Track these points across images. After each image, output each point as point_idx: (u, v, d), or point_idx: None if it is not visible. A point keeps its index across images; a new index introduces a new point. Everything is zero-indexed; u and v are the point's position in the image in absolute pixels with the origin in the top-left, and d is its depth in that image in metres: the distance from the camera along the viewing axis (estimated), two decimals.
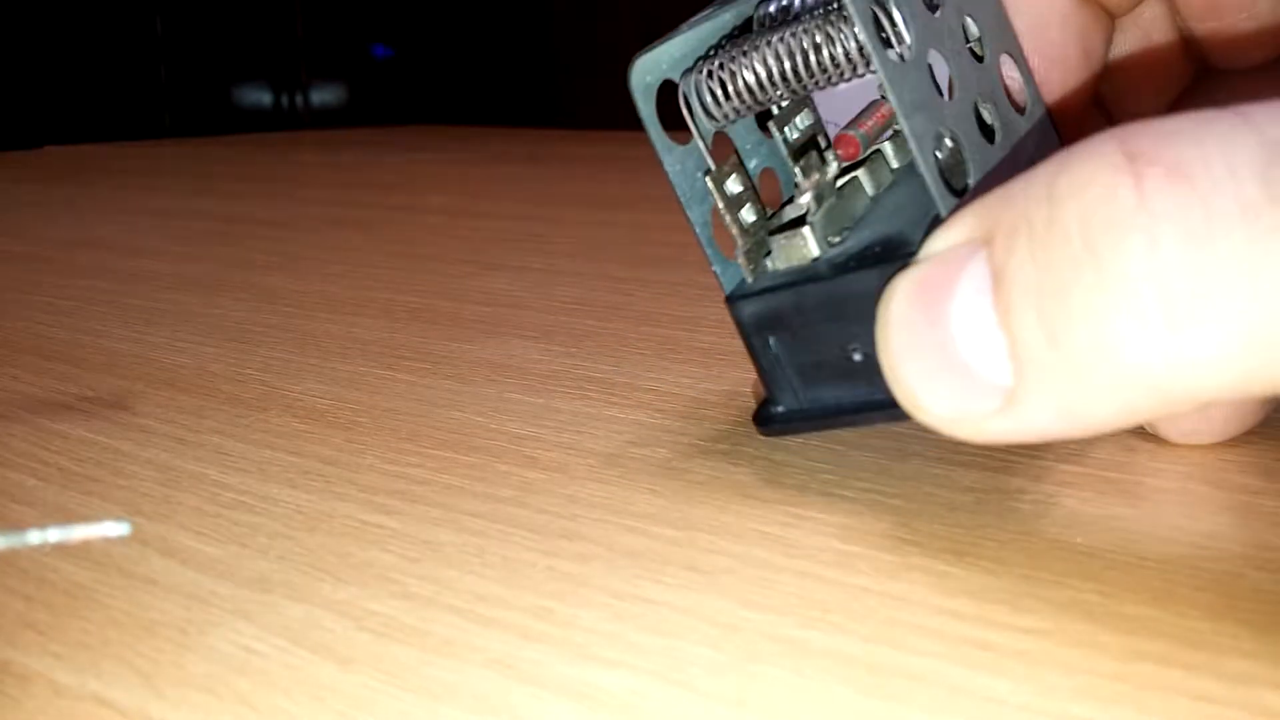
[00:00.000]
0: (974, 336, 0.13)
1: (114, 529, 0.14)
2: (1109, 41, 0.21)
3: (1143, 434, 0.20)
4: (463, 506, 0.19)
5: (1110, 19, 0.21)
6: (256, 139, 0.97)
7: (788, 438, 0.21)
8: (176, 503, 0.19)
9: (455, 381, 0.26)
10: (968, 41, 0.18)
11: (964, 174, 0.17)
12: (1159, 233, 0.11)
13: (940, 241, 0.14)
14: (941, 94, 0.17)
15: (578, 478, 0.20)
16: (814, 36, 0.17)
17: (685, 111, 0.19)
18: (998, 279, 0.13)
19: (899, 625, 0.14)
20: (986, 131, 0.18)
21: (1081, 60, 0.20)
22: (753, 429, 0.21)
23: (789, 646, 0.14)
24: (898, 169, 0.20)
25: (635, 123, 0.19)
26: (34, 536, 0.13)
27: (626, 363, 0.27)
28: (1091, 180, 0.12)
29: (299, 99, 1.15)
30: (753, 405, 0.23)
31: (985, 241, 0.13)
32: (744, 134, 0.20)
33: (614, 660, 0.14)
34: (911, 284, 0.14)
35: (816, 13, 0.17)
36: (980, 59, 0.18)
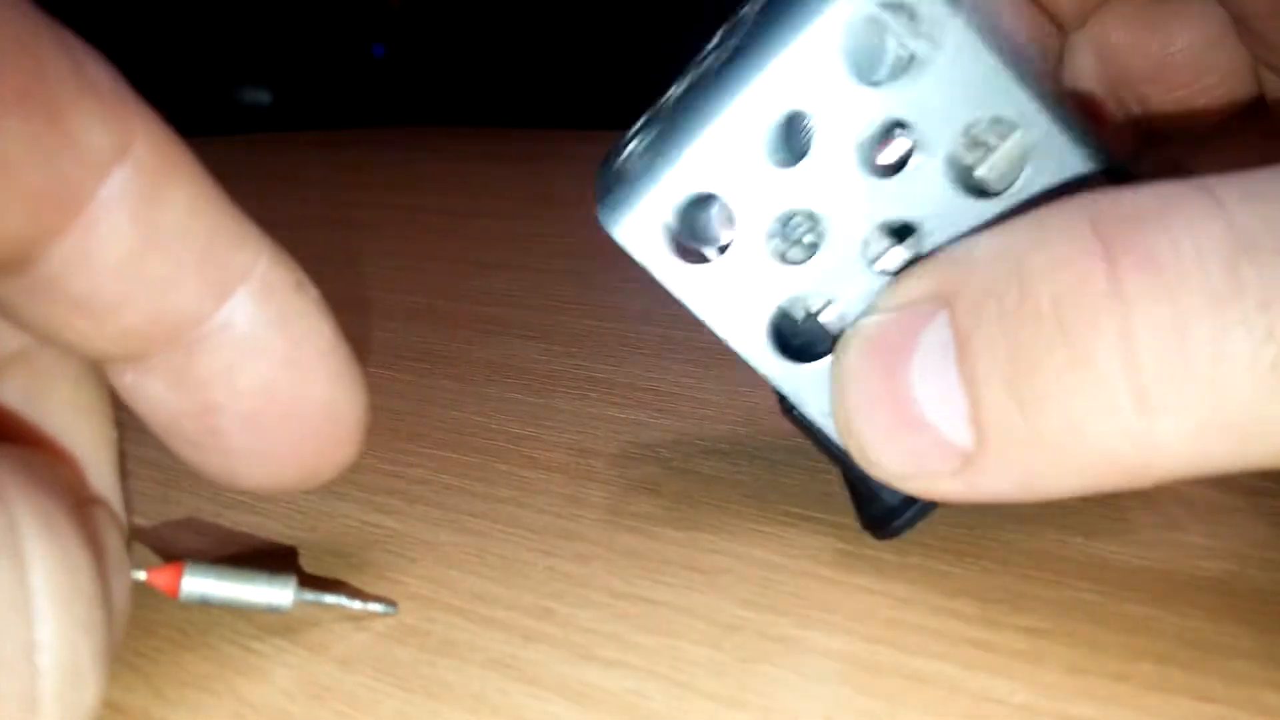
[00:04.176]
0: (935, 397, 0.13)
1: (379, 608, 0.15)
2: (1062, 50, 0.21)
3: None
4: (463, 506, 0.19)
5: (1062, 32, 0.20)
6: (256, 139, 0.97)
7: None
8: (175, 502, 0.19)
9: (455, 381, 0.26)
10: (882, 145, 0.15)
11: (825, 337, 0.15)
12: (1131, 321, 0.11)
13: (897, 296, 0.14)
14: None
15: (577, 478, 0.20)
16: None
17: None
18: (963, 344, 0.13)
19: (899, 625, 0.14)
20: (897, 240, 0.15)
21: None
22: (748, 432, 0.20)
23: (789, 646, 0.14)
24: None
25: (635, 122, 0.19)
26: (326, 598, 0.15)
27: (626, 363, 0.27)
28: (1065, 262, 0.12)
29: (299, 99, 1.16)
30: (756, 411, 0.23)
31: (946, 302, 0.13)
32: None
33: (614, 660, 0.14)
34: (869, 338, 0.14)
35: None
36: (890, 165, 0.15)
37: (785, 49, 0.14)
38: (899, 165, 0.15)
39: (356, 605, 0.15)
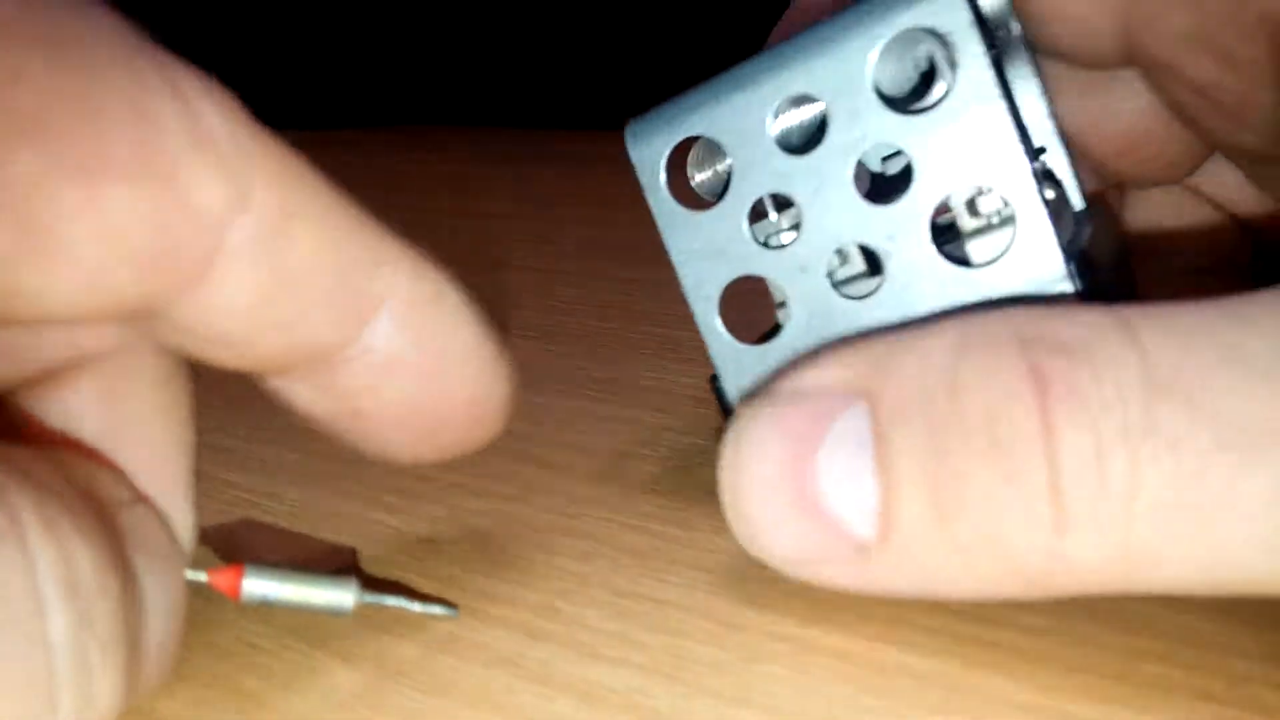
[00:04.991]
0: (840, 487, 0.13)
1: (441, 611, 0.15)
2: None
3: None
4: (466, 505, 0.19)
5: None
6: None
7: None
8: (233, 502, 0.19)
9: None
10: (880, 181, 0.16)
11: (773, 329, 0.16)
12: (1057, 446, 0.12)
13: (812, 379, 0.14)
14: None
15: (579, 477, 0.20)
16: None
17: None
18: (883, 440, 0.13)
19: (902, 623, 0.14)
20: (862, 276, 0.16)
21: None
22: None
23: (792, 645, 0.14)
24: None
25: None
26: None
27: (626, 362, 0.27)
28: (997, 382, 0.12)
29: (297, 98, 1.15)
30: None
31: (864, 395, 0.13)
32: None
33: (619, 658, 0.14)
34: (775, 420, 0.14)
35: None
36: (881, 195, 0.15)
37: (830, 45, 0.15)
38: (893, 196, 0.15)
39: (417, 608, 0.15)
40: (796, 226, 0.16)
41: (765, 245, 0.16)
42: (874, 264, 0.16)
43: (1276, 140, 0.16)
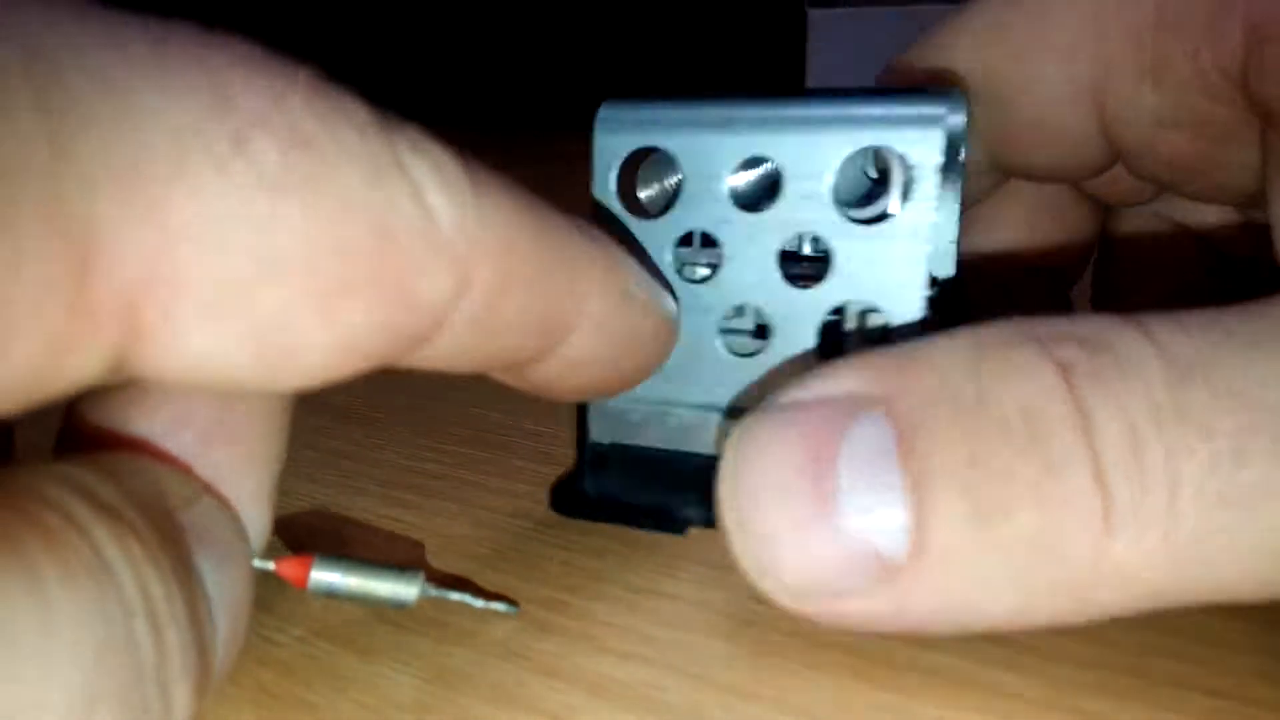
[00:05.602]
0: (864, 499, 0.12)
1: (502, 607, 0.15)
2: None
3: None
4: (479, 501, 0.19)
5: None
6: None
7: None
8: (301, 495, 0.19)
9: (471, 378, 0.26)
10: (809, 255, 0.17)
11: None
12: (1094, 432, 0.11)
13: (813, 389, 0.13)
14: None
15: None
16: None
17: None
18: (909, 449, 0.12)
19: None
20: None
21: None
22: None
23: (803, 640, 0.14)
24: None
25: None
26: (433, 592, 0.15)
27: None
28: (1025, 379, 0.12)
29: None
30: None
31: (880, 402, 0.12)
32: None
33: (630, 652, 0.14)
34: (786, 425, 0.13)
35: None
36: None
37: (811, 128, 0.16)
38: (804, 278, 0.16)
39: (479, 604, 0.15)
40: (712, 266, 0.17)
41: (679, 273, 0.17)
42: (761, 330, 0.17)
43: (1245, 194, 0.16)
